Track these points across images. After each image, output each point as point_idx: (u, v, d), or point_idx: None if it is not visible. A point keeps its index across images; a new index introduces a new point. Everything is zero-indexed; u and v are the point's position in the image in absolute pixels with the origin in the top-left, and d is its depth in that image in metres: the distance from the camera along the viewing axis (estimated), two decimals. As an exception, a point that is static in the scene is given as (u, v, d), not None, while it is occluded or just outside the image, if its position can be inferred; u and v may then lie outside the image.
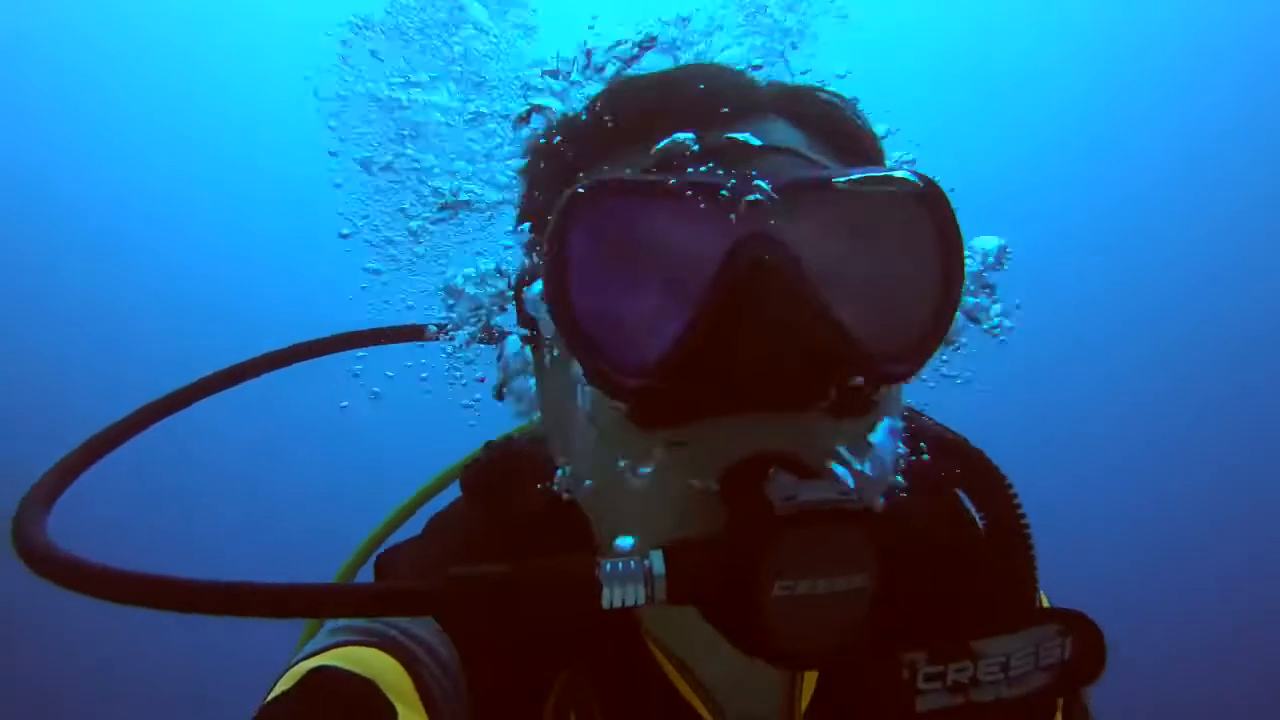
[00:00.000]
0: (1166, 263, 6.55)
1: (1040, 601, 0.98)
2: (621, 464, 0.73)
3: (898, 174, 0.73)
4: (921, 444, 0.91)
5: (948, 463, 0.91)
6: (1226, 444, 6.25)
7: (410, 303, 1.18)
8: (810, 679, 0.89)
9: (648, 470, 0.72)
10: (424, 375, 1.21)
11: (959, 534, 0.93)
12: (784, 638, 0.64)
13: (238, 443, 5.85)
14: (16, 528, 0.77)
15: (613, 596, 0.64)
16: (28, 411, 5.50)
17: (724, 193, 0.70)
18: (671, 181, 0.70)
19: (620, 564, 0.65)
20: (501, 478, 0.96)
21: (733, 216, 0.70)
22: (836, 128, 0.82)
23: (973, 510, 0.93)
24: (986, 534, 0.91)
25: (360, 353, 1.26)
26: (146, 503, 5.63)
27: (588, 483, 0.78)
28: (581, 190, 0.70)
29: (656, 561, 0.65)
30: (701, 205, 0.70)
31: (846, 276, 0.73)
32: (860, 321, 0.71)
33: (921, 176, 0.73)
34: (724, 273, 0.68)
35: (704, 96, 0.78)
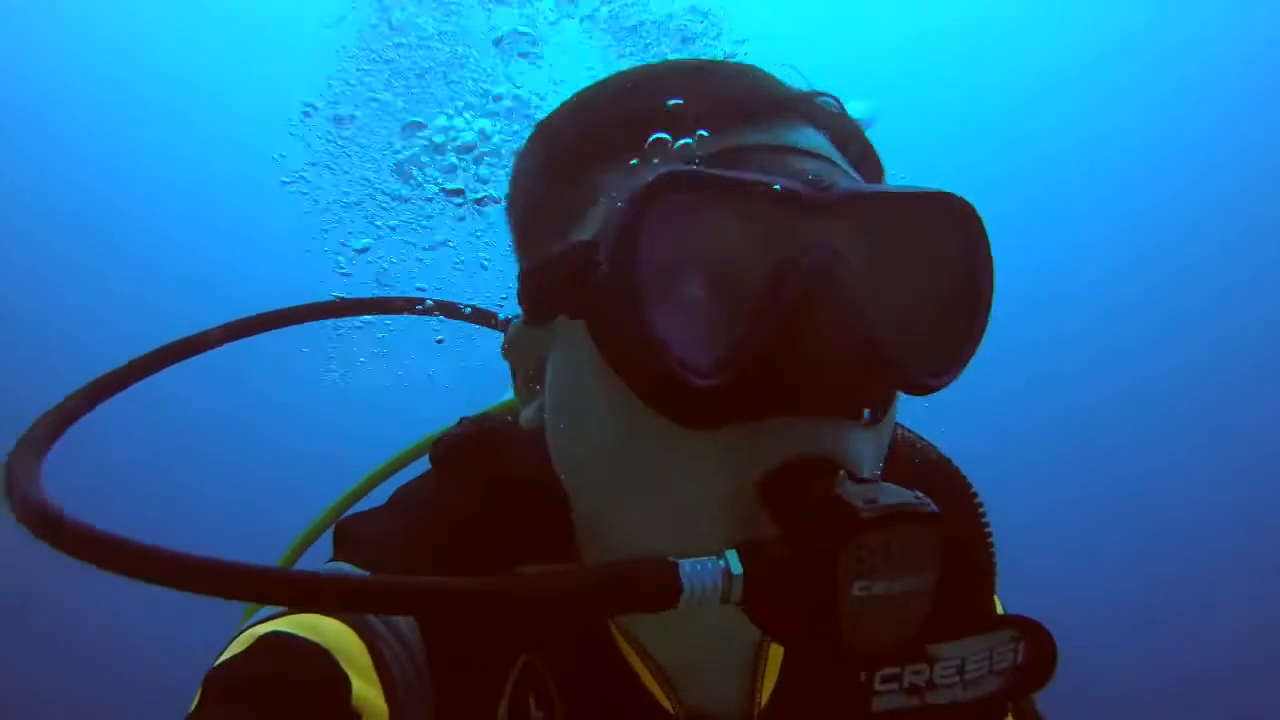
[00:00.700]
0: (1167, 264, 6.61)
1: (995, 608, 1.00)
2: (652, 464, 0.73)
3: (940, 191, 0.76)
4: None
5: (916, 468, 0.93)
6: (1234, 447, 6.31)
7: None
8: (772, 673, 0.90)
9: (683, 471, 0.72)
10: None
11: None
12: (854, 638, 0.65)
13: (213, 410, 5.77)
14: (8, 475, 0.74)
15: (691, 598, 0.64)
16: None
17: (791, 197, 0.70)
18: (751, 178, 0.70)
19: (699, 564, 0.65)
20: (478, 456, 0.95)
21: (797, 220, 0.71)
22: (851, 138, 0.84)
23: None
24: (951, 540, 0.92)
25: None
26: (117, 469, 5.54)
27: (596, 479, 0.78)
28: (660, 181, 0.69)
29: (732, 561, 0.65)
30: (769, 206, 0.71)
31: (896, 288, 0.77)
32: (907, 333, 0.75)
33: (959, 198, 0.77)
34: (789, 278, 0.70)
35: (742, 91, 0.79)
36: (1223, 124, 6.62)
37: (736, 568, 0.65)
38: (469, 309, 1.26)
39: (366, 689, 0.75)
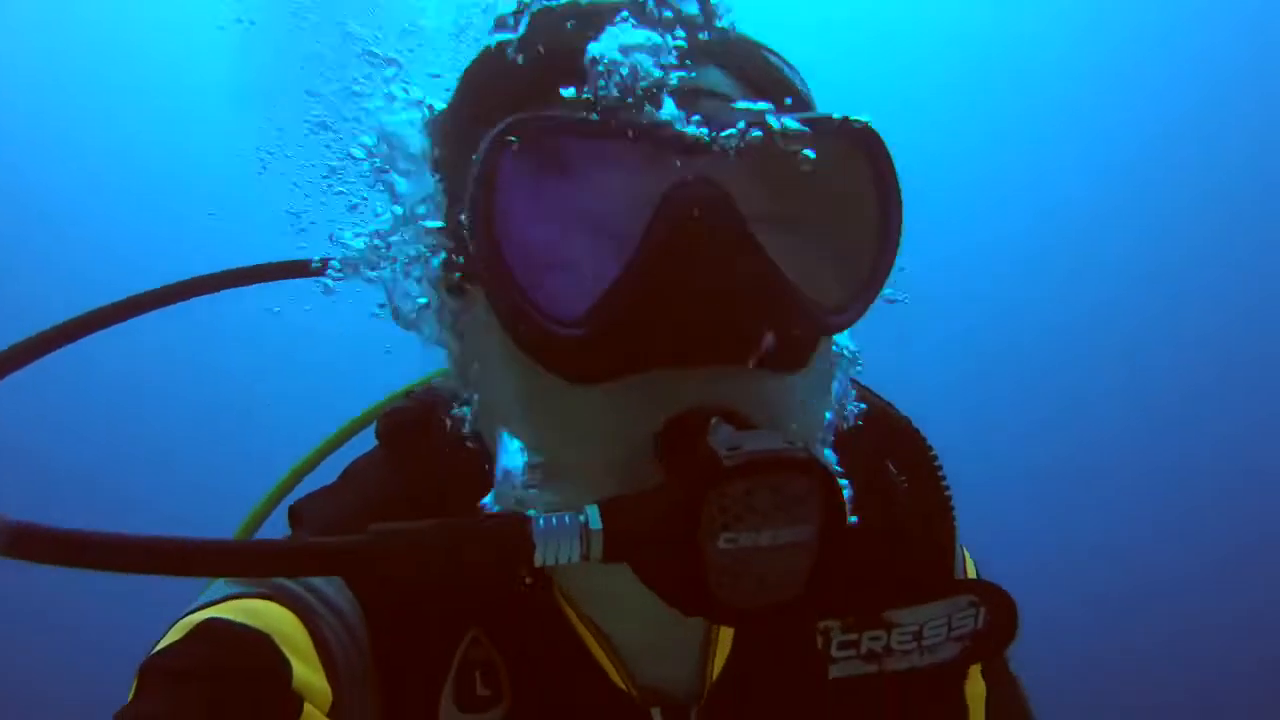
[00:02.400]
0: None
1: (965, 567, 0.99)
2: (550, 423, 0.70)
3: (836, 117, 0.71)
4: (849, 408, 0.90)
5: (873, 429, 0.91)
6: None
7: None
8: (724, 645, 0.88)
9: (576, 427, 0.69)
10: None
11: (880, 502, 0.93)
12: (724, 593, 0.62)
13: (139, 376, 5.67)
14: None
15: (545, 554, 0.61)
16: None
17: (661, 134, 0.66)
18: (609, 122, 0.66)
19: (554, 519, 0.62)
20: (420, 427, 0.93)
21: (672, 160, 0.67)
22: (770, 77, 0.78)
23: (896, 478, 0.93)
24: (909, 503, 0.91)
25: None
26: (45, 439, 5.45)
27: (509, 442, 0.75)
28: (512, 126, 0.65)
29: (593, 516, 0.62)
30: (638, 148, 0.66)
31: (785, 222, 0.72)
32: (800, 270, 0.69)
33: (859, 121, 0.71)
34: (660, 219, 0.65)
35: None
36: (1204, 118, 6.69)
37: (596, 523, 0.62)
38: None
39: (308, 672, 0.73)
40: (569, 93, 0.68)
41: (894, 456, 0.91)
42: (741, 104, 0.71)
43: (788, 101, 0.76)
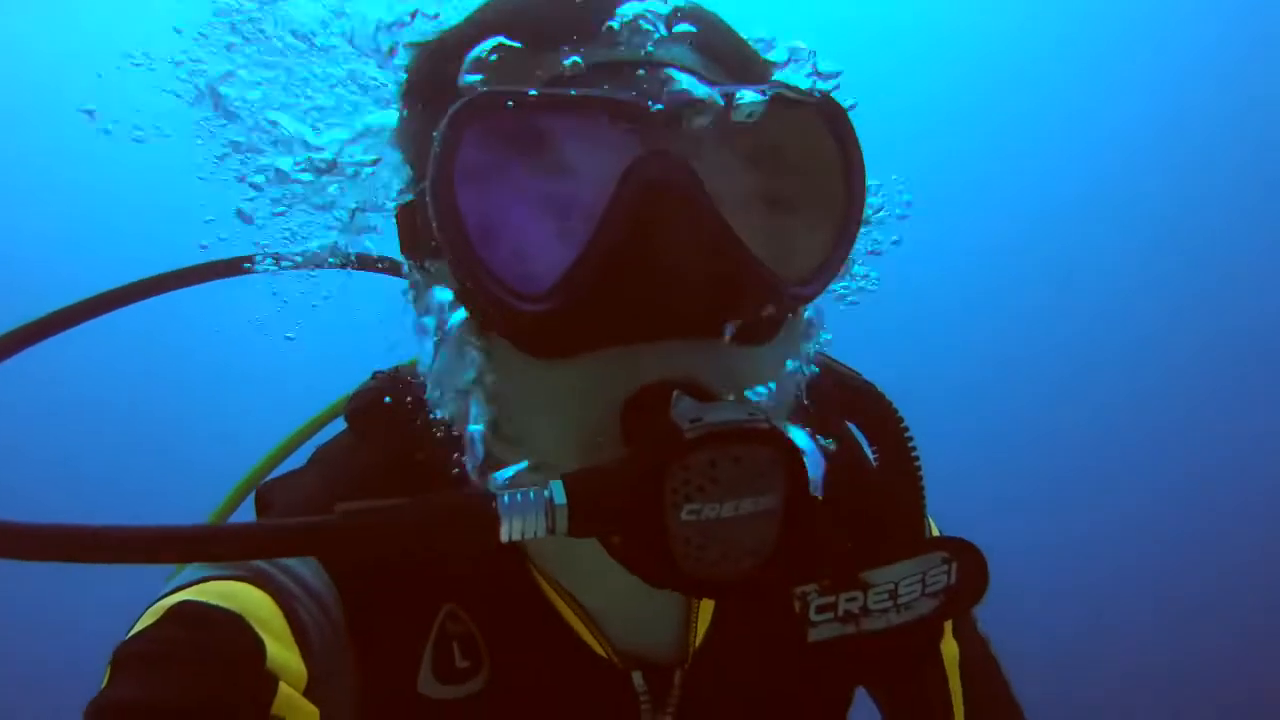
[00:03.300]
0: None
1: (929, 531, 1.00)
2: (518, 400, 0.70)
3: (798, 90, 0.70)
4: (815, 371, 0.91)
5: (842, 395, 0.91)
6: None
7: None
8: (705, 613, 0.88)
9: (542, 403, 0.69)
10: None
11: (850, 465, 0.93)
12: (689, 564, 0.62)
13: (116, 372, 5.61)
14: None
15: (511, 530, 0.61)
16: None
17: (624, 109, 0.65)
18: (569, 94, 0.65)
19: (519, 495, 0.62)
20: (387, 409, 0.92)
21: (632, 134, 0.66)
22: (731, 50, 0.78)
23: (865, 444, 0.93)
24: (878, 467, 0.92)
25: None
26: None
27: (475, 423, 0.74)
28: (472, 101, 0.65)
29: (557, 492, 0.62)
30: (599, 122, 0.66)
31: (749, 196, 0.71)
32: (764, 244, 0.69)
33: (821, 93, 0.71)
34: (621, 193, 0.65)
35: (598, 10, 0.72)
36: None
37: (560, 498, 0.62)
38: (382, 261, 1.22)
39: (283, 651, 0.72)
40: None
41: (862, 422, 0.92)
42: (704, 81, 0.71)
43: (746, 74, 0.76)
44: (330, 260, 1.14)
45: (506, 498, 0.62)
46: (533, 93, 0.65)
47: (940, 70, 6.52)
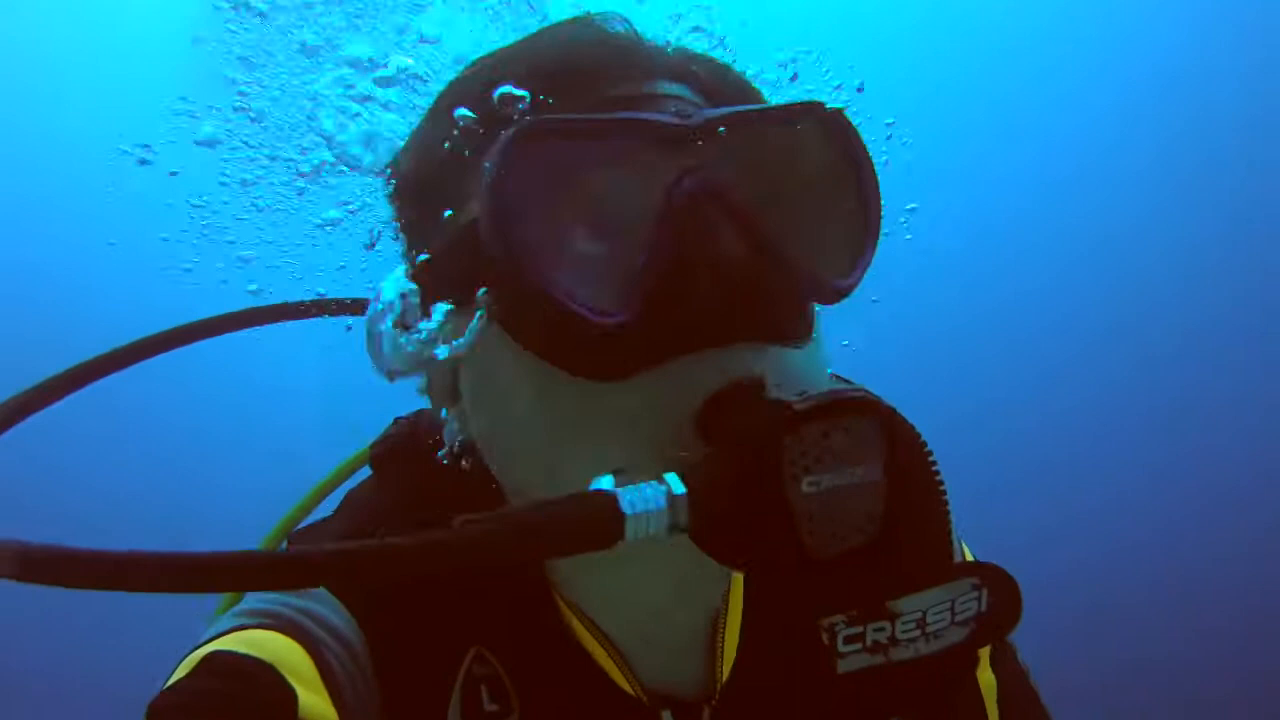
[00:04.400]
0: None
1: (962, 554, 0.99)
2: (582, 430, 0.71)
3: (809, 103, 0.77)
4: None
5: None
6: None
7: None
8: (730, 647, 0.88)
9: (612, 429, 0.70)
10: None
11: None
12: (812, 540, 0.63)
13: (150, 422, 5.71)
14: None
15: (636, 527, 0.60)
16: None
17: (664, 130, 0.71)
18: (615, 117, 0.71)
19: (639, 489, 0.61)
20: (410, 451, 0.93)
21: (670, 154, 0.71)
22: (726, 84, 0.84)
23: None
24: (901, 490, 0.91)
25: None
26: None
27: (530, 464, 0.75)
28: (525, 128, 0.69)
29: (674, 483, 0.62)
30: (641, 144, 0.71)
31: (781, 200, 0.77)
32: (801, 245, 0.74)
33: (829, 107, 0.78)
34: (672, 207, 0.69)
35: (605, 58, 0.78)
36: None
37: (679, 488, 0.61)
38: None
39: (313, 698, 0.73)
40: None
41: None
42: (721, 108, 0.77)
43: (743, 102, 0.81)
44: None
45: (627, 493, 0.60)
46: (578, 118, 0.70)
47: (938, 61, 6.55)
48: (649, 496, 0.60)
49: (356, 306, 1.23)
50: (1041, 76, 6.89)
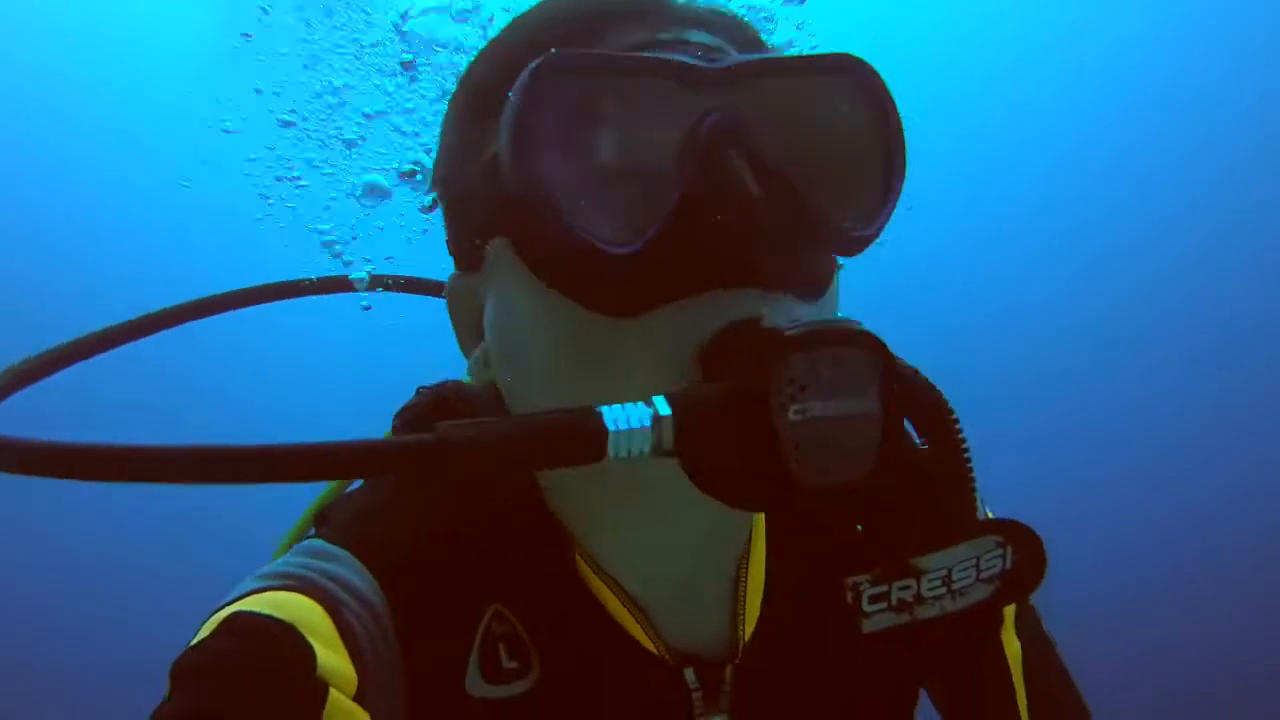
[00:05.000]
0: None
1: (982, 514, 0.97)
2: (594, 366, 0.72)
3: (834, 55, 0.77)
4: None
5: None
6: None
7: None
8: (753, 606, 0.87)
9: (624, 364, 0.71)
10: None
11: (894, 453, 0.92)
12: (799, 468, 0.62)
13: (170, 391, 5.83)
14: None
15: (619, 444, 0.60)
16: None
17: (688, 71, 0.71)
18: (640, 56, 0.72)
19: (623, 409, 0.61)
20: (435, 416, 0.93)
21: (696, 96, 0.71)
22: (745, 41, 0.84)
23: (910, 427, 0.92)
24: (926, 449, 0.90)
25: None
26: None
27: (543, 399, 0.76)
28: (547, 61, 0.69)
29: (660, 404, 0.62)
30: (666, 83, 0.71)
31: (805, 146, 0.76)
32: (824, 187, 0.74)
33: (853, 56, 0.77)
34: (693, 146, 0.69)
35: (629, 5, 0.79)
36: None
37: (665, 409, 0.61)
38: (403, 280, 1.24)
39: (333, 657, 0.74)
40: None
41: (907, 404, 0.90)
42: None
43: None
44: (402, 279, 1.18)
45: (610, 411, 0.61)
46: (603, 54, 0.71)
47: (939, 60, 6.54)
48: (633, 414, 0.61)
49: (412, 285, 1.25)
50: (1042, 78, 6.84)
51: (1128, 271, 6.68)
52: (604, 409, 0.61)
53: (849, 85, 0.78)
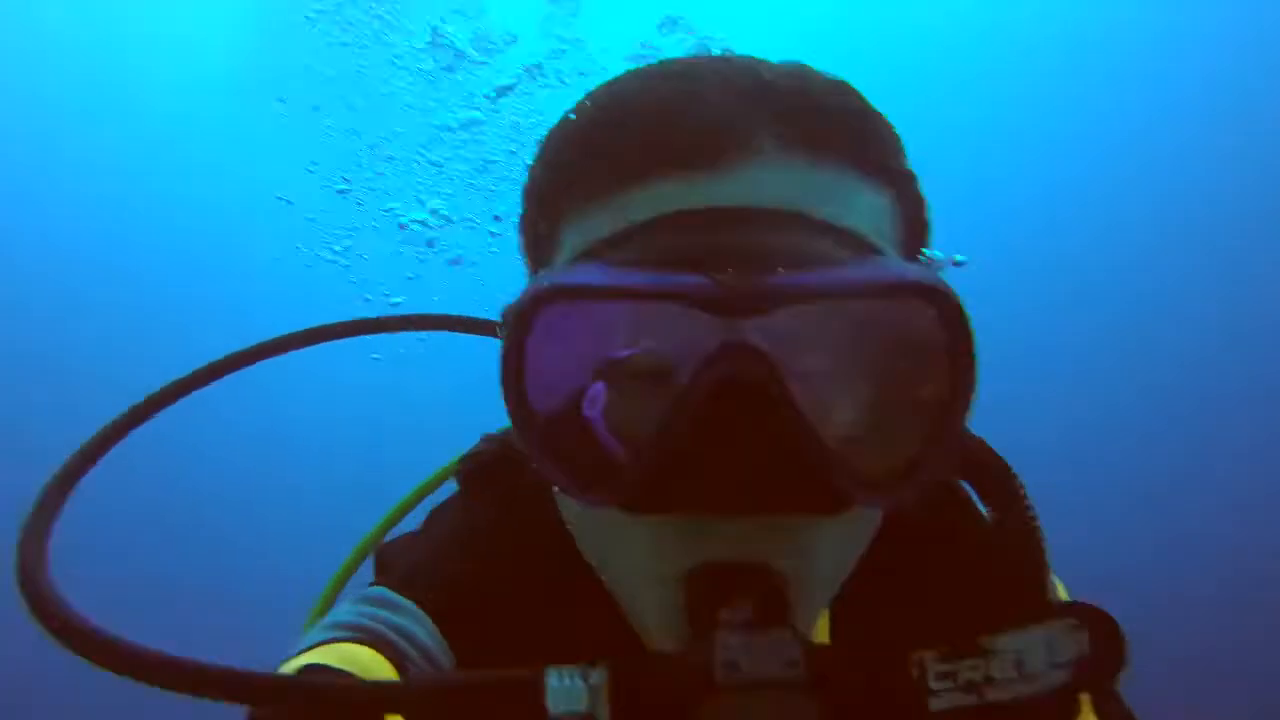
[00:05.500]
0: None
1: (1055, 594, 0.95)
2: (604, 538, 0.75)
3: (906, 275, 0.67)
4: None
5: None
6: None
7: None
8: None
9: (624, 551, 0.73)
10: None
11: (961, 525, 0.90)
12: None
13: (239, 437, 5.97)
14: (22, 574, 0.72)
15: (556, 704, 0.62)
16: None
17: (699, 298, 0.63)
18: (638, 283, 0.64)
19: (566, 678, 0.63)
20: (498, 470, 0.95)
21: (713, 319, 0.63)
22: (849, 136, 0.73)
23: (978, 502, 0.90)
24: (994, 524, 0.88)
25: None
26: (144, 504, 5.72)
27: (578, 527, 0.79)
28: (538, 295, 0.65)
29: (597, 680, 0.63)
30: (673, 309, 0.64)
31: (839, 379, 0.69)
32: (846, 443, 0.68)
33: (935, 278, 0.66)
34: (699, 384, 0.63)
35: (694, 131, 0.69)
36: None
37: (599, 683, 0.62)
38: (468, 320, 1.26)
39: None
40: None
41: (974, 478, 0.88)
42: (810, 217, 0.67)
43: (865, 161, 0.72)
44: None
45: (555, 680, 0.62)
46: (601, 284, 0.65)
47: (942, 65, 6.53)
48: (572, 691, 0.62)
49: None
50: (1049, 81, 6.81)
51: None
52: (549, 675, 0.62)
53: (915, 316, 0.66)
